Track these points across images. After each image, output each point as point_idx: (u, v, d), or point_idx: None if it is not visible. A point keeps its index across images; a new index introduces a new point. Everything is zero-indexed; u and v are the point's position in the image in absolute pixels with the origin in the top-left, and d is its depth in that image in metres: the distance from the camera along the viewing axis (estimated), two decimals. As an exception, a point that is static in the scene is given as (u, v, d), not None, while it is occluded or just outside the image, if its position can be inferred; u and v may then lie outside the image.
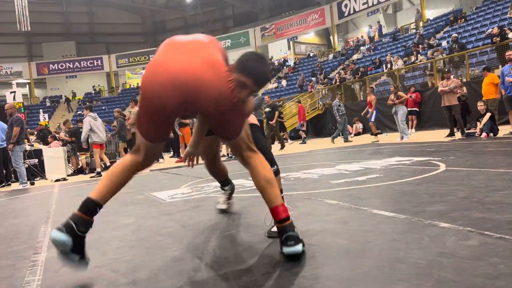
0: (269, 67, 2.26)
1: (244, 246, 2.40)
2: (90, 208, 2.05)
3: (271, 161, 2.68)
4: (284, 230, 2.06)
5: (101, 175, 10.07)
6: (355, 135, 16.68)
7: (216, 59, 2.01)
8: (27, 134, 12.31)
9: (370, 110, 12.32)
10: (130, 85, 39.67)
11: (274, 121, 13.06)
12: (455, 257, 1.81)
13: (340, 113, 13.47)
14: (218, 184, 5.44)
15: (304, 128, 16.44)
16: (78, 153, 11.51)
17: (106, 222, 3.57)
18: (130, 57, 38.70)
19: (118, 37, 42.38)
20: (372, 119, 12.32)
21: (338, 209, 3.12)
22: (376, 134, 12.16)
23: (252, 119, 2.81)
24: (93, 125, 10.13)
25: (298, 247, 2.00)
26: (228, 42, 36.10)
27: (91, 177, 10.03)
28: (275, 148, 12.95)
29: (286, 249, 2.01)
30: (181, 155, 12.00)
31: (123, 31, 42.79)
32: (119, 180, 2.15)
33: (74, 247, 1.98)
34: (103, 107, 34.43)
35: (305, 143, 15.20)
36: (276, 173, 2.68)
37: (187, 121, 11.49)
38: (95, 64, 38.74)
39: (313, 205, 3.39)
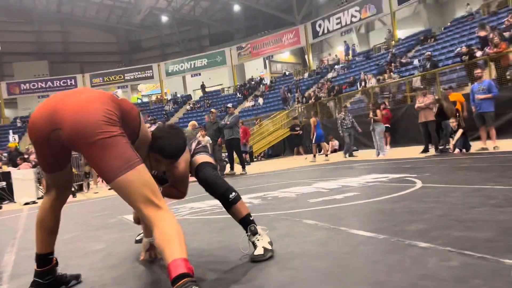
0: (178, 140, 2.33)
1: (222, 271, 2.29)
2: (42, 260, 2.19)
3: (227, 189, 2.56)
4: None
5: (75, 195, 9.76)
6: (332, 152, 16.78)
7: (100, 97, 1.92)
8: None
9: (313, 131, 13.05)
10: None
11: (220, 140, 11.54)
12: (438, 280, 1.76)
13: (344, 127, 12.86)
14: (193, 205, 5.32)
15: (247, 149, 16.84)
16: None
17: (75, 249, 3.39)
18: (104, 76, 38.23)
19: (92, 56, 41.89)
20: (314, 141, 13.30)
21: (316, 229, 3.05)
22: (314, 155, 13.17)
23: (202, 158, 2.66)
24: None
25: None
26: (205, 61, 36.20)
27: None
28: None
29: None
30: None
31: (97, 50, 42.35)
32: (49, 224, 2.19)
33: None
34: (77, 127, 33.74)
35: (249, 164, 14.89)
36: (236, 199, 2.57)
37: None
38: (69, 84, 38.06)
39: (291, 226, 3.31)
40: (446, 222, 2.79)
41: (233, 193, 2.56)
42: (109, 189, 10.43)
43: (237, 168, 11.60)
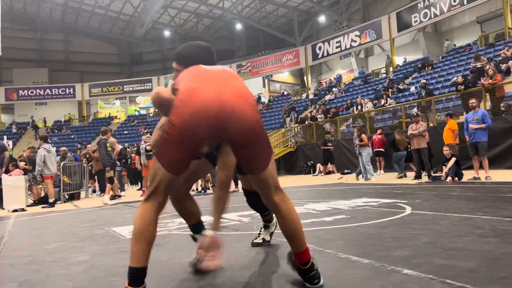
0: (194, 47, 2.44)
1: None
2: (138, 275, 1.93)
3: None
4: (307, 271, 2.16)
5: (53, 206, 9.65)
6: (326, 174, 16.79)
7: (245, 89, 2.03)
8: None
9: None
10: (104, 114, 39.10)
11: None
12: (417, 308, 1.75)
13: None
14: (182, 220, 5.28)
15: None
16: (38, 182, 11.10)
17: (58, 259, 3.35)
18: (103, 87, 38.38)
19: (92, 66, 42.13)
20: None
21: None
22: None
23: None
24: (46, 158, 9.89)
25: (320, 283, 2.17)
26: (204, 77, 36.44)
27: (43, 207, 9.72)
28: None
29: (311, 286, 2.16)
30: (144, 188, 11.70)
31: (98, 61, 42.63)
32: (152, 234, 1.98)
33: None
34: (72, 136, 33.66)
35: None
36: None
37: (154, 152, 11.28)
38: (67, 92, 38.16)
39: (276, 246, 3.29)
40: (431, 250, 2.79)
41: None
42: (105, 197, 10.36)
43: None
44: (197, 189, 11.15)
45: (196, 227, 2.87)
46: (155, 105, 2.25)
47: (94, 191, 13.77)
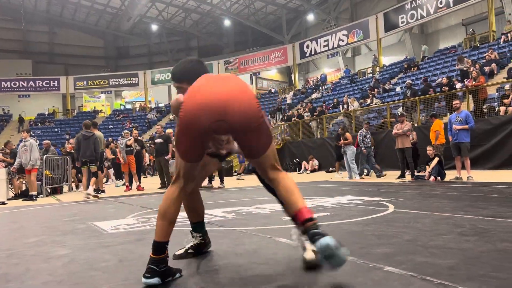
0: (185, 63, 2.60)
1: (186, 286, 2.26)
2: (160, 248, 2.25)
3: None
4: (309, 229, 2.12)
5: (35, 199, 9.47)
6: (311, 171, 16.89)
7: (246, 85, 2.30)
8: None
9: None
10: (89, 108, 38.60)
11: (169, 155, 11.00)
12: (396, 304, 1.77)
13: (365, 145, 11.81)
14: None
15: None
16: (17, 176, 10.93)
17: (38, 253, 3.30)
18: (88, 80, 37.86)
19: (78, 59, 41.51)
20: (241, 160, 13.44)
21: (285, 247, 3.05)
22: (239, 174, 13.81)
23: None
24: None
25: (326, 239, 2.00)
26: (191, 72, 36.23)
27: (23, 200, 9.62)
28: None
29: (317, 244, 2.02)
30: (127, 183, 11.59)
31: (83, 54, 42.01)
32: (173, 215, 2.31)
33: (164, 279, 2.24)
34: (56, 129, 33.16)
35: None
36: None
37: (133, 148, 11.22)
38: (51, 85, 37.54)
39: (260, 242, 3.29)
40: (412, 248, 2.83)
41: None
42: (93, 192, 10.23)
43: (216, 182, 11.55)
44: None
45: (197, 225, 2.95)
46: (174, 111, 2.35)
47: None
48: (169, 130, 12.30)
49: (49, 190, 11.34)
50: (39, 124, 34.41)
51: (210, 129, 2.13)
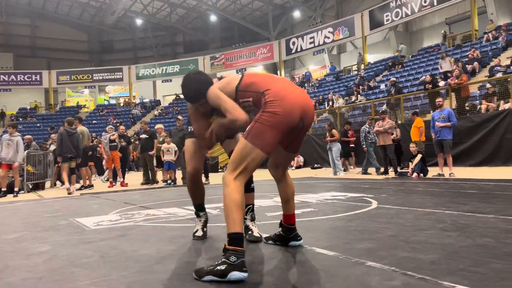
0: (191, 85, 2.70)
1: (165, 283, 2.24)
2: (241, 238, 2.27)
3: (251, 178, 3.04)
4: (294, 230, 2.92)
5: (15, 195, 9.31)
6: (296, 168, 16.95)
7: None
8: None
9: None
10: (72, 103, 38.00)
11: (154, 151, 11.07)
12: (378, 298, 1.79)
13: (369, 141, 11.37)
14: (149, 212, 5.22)
15: None
16: None
17: (18, 250, 3.24)
18: (72, 75, 37.24)
19: (61, 53, 40.79)
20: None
21: (268, 243, 3.05)
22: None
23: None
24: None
25: (301, 241, 2.92)
26: (177, 67, 35.98)
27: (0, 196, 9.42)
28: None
29: (296, 242, 2.89)
30: (111, 179, 11.48)
31: (67, 48, 41.30)
32: (244, 206, 2.38)
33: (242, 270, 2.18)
34: (38, 124, 32.59)
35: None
36: (254, 189, 3.26)
37: (117, 143, 11.12)
38: (33, 79, 36.83)
39: (246, 237, 3.29)
40: (394, 243, 2.86)
41: (253, 184, 3.18)
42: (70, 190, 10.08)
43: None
44: (166, 181, 11.01)
45: (202, 205, 3.42)
46: (226, 131, 2.76)
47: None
48: (160, 126, 12.19)
49: (30, 186, 11.15)
50: (21, 119, 33.76)
51: (298, 125, 2.49)
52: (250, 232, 3.18)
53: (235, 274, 2.11)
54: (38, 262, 2.79)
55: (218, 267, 2.15)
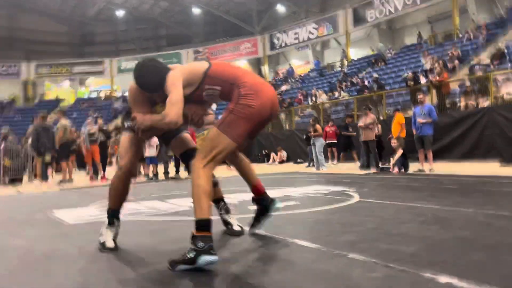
0: (149, 74, 2.58)
1: (143, 277, 2.19)
2: (209, 224, 2.31)
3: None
4: (268, 197, 3.00)
5: None
6: (279, 162, 16.98)
7: None
8: None
9: None
10: (51, 96, 37.19)
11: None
12: (359, 290, 1.78)
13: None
14: (130, 206, 5.12)
15: None
16: None
17: (-9, 244, 3.14)
18: (51, 67, 36.43)
19: (40, 45, 39.78)
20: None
21: (251, 236, 3.02)
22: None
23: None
24: None
25: (279, 204, 3.04)
26: (160, 61, 35.54)
27: None
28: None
29: (277, 205, 2.98)
30: (91, 174, 11.30)
31: (46, 39, 40.29)
32: (212, 193, 2.48)
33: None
34: (15, 117, 31.82)
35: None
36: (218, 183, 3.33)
37: (97, 137, 10.97)
38: (11, 71, 35.91)
39: (226, 231, 3.25)
40: (376, 235, 2.86)
41: (215, 178, 3.03)
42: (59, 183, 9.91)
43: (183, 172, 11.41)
44: (147, 175, 10.89)
45: (118, 213, 3.00)
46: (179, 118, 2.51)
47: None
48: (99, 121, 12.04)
49: (7, 181, 10.89)
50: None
51: (268, 117, 2.59)
52: (229, 226, 3.13)
53: (203, 258, 2.14)
54: (12, 257, 2.71)
55: (188, 255, 2.18)
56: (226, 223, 3.14)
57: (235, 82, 2.47)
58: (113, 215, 2.87)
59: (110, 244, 2.76)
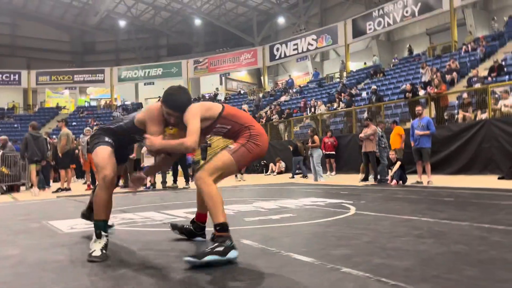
0: (185, 96, 2.96)
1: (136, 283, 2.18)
2: (226, 227, 2.71)
3: None
4: (204, 228, 3.38)
5: None
6: (278, 173, 16.96)
7: None
8: None
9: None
10: (52, 104, 37.22)
11: (134, 154, 10.47)
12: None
13: (383, 145, 10.27)
14: (125, 216, 5.12)
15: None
16: None
17: (-15, 253, 3.12)
18: (52, 75, 36.53)
19: (41, 53, 39.98)
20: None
21: (245, 247, 3.01)
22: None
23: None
24: None
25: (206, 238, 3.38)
26: (160, 70, 35.69)
27: None
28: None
29: (201, 239, 3.39)
30: (88, 182, 11.28)
31: (48, 48, 40.51)
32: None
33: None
34: (16, 125, 31.83)
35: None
36: None
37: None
38: (12, 79, 36.00)
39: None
40: (370, 249, 2.86)
41: None
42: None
43: (181, 182, 11.39)
44: (145, 184, 10.86)
45: (107, 224, 3.11)
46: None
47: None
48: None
49: (4, 188, 10.87)
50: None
51: (263, 155, 3.04)
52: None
53: (232, 253, 2.56)
54: (5, 266, 2.69)
55: (217, 249, 2.53)
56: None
57: (245, 124, 2.96)
58: (102, 228, 2.94)
59: (96, 253, 2.77)
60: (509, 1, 21.81)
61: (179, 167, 11.23)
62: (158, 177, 11.25)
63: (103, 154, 2.99)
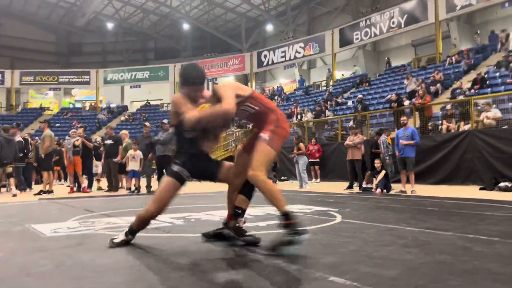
0: (192, 72, 3.24)
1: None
2: (291, 214, 3.08)
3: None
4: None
5: None
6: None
7: None
8: None
9: None
10: (35, 105, 36.64)
11: (119, 157, 10.81)
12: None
13: (390, 153, 10.17)
14: (110, 220, 5.05)
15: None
16: None
17: (-35, 257, 3.05)
18: (36, 75, 35.98)
19: (26, 53, 39.38)
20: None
21: (230, 254, 3.01)
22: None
23: None
24: None
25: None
26: (147, 74, 35.49)
27: None
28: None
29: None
30: (71, 185, 11.14)
31: (33, 48, 39.92)
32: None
33: None
34: (-3, 125, 31.18)
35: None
36: None
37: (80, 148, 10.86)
38: (-6, 78, 35.37)
39: (207, 249, 3.23)
40: (357, 258, 2.88)
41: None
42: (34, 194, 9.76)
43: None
44: (129, 188, 10.76)
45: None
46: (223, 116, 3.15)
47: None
48: (124, 132, 11.92)
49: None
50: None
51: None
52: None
53: (305, 236, 2.96)
54: (-13, 271, 2.63)
55: (290, 237, 2.93)
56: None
57: (272, 109, 3.25)
58: (133, 233, 3.42)
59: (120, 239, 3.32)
60: (492, 15, 22.34)
61: (165, 172, 11.15)
62: (143, 181, 11.16)
63: (168, 185, 3.51)
